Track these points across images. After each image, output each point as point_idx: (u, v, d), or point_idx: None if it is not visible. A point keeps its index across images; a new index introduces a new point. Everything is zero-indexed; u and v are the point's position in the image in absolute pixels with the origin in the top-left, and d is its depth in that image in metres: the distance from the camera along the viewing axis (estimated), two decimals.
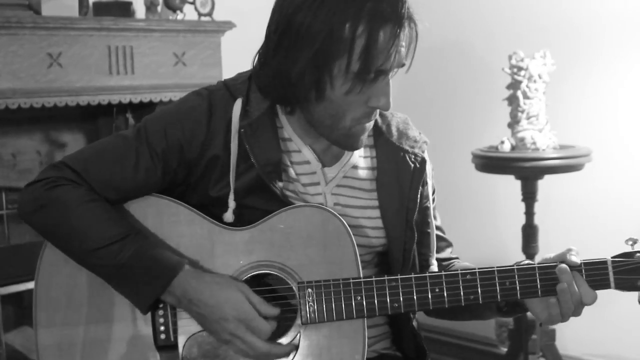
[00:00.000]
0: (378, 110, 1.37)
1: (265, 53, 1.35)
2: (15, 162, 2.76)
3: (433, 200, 1.52)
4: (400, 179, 1.44)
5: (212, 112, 1.36)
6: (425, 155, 1.47)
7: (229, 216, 1.36)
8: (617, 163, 2.96)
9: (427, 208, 1.50)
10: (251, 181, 1.36)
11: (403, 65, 1.33)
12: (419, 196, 1.45)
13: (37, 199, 1.34)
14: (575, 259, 1.31)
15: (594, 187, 3.00)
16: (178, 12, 2.89)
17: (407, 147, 1.45)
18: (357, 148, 1.40)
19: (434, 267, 1.48)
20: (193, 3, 2.93)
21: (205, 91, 1.40)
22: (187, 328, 1.33)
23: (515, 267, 1.32)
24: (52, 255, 1.36)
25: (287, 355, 1.31)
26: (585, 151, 2.76)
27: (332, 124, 1.34)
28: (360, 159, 1.46)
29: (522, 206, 2.86)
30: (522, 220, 2.86)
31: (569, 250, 1.33)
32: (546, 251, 2.95)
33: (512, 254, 3.00)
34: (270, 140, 1.37)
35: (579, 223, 3.04)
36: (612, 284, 1.31)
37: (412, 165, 1.44)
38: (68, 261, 1.35)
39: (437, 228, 1.53)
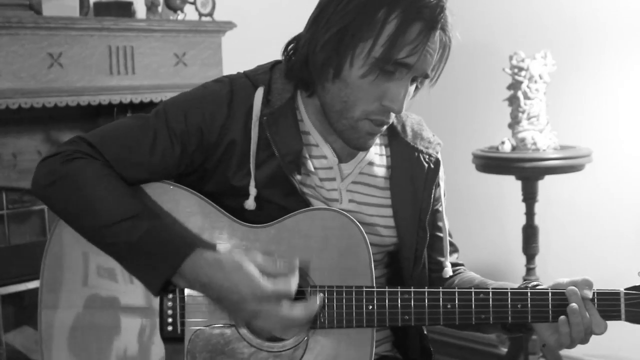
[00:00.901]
0: (391, 118, 1.36)
1: (303, 34, 1.36)
2: (15, 162, 2.75)
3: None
4: (414, 179, 1.44)
5: (233, 98, 1.36)
6: (439, 157, 1.47)
7: (250, 203, 1.34)
8: (617, 163, 2.96)
9: (438, 211, 1.49)
10: (270, 172, 1.35)
11: (427, 75, 1.33)
12: (432, 197, 1.45)
13: (52, 173, 1.32)
14: (588, 293, 1.29)
15: (594, 188, 3.00)
16: (179, 12, 2.89)
17: (421, 148, 1.45)
18: (361, 148, 1.39)
19: (448, 269, 1.48)
20: (194, 3, 2.93)
21: (226, 79, 1.41)
22: (194, 321, 1.32)
23: (528, 290, 1.31)
24: (62, 237, 1.35)
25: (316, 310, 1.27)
26: (585, 152, 2.77)
27: (341, 110, 1.33)
28: (376, 156, 1.46)
29: (522, 206, 2.86)
30: (523, 220, 2.86)
31: (584, 281, 1.30)
32: (546, 252, 2.96)
33: (512, 255, 3.01)
34: (291, 130, 1.37)
35: (580, 223, 3.04)
36: (623, 316, 1.30)
37: (427, 165, 1.44)
38: (77, 244, 1.33)
39: None
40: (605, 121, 3.00)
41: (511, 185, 2.91)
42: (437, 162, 1.46)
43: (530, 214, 2.85)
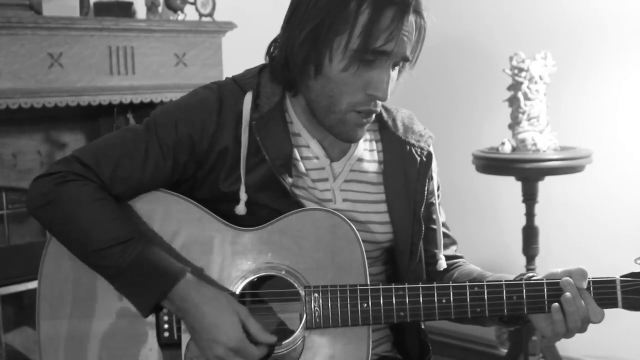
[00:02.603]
0: (378, 106, 1.36)
1: (280, 35, 1.37)
2: (15, 162, 2.75)
3: (438, 196, 1.52)
4: (407, 173, 1.44)
5: (222, 105, 1.36)
6: (431, 150, 1.47)
7: (241, 208, 1.35)
8: (617, 164, 2.96)
9: (432, 204, 1.50)
10: (262, 176, 1.35)
11: (407, 59, 1.34)
12: (426, 190, 1.45)
13: (46, 194, 1.33)
14: (583, 283, 1.29)
15: (594, 189, 3.00)
16: (179, 12, 2.89)
17: (413, 141, 1.46)
18: (352, 140, 1.39)
19: (442, 262, 1.48)
20: (194, 3, 2.93)
21: (214, 85, 1.41)
22: None
23: (523, 281, 1.31)
24: (57, 248, 1.35)
25: None
26: (585, 152, 2.76)
27: (328, 105, 1.34)
28: (366, 152, 1.46)
29: (522, 207, 2.86)
30: (523, 221, 2.86)
31: (578, 271, 1.30)
32: (546, 253, 2.96)
33: (512, 256, 3.00)
34: (281, 134, 1.37)
35: (580, 224, 3.04)
36: (620, 304, 1.30)
37: (419, 158, 1.44)
38: (72, 256, 1.34)
39: (442, 225, 1.52)
40: (605, 122, 2.99)
41: (511, 186, 2.91)
42: (429, 155, 1.46)
43: (530, 214, 2.85)
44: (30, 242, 2.69)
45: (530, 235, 2.84)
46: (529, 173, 2.78)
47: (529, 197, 2.83)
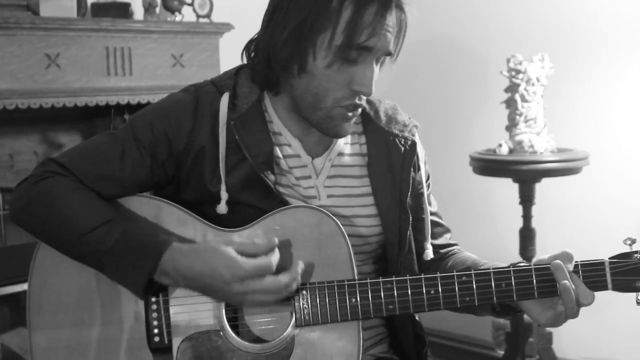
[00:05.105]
0: (363, 100, 1.37)
1: (259, 36, 1.38)
2: (12, 162, 2.76)
3: (428, 186, 1.51)
4: (391, 163, 1.44)
5: (198, 104, 1.38)
6: (416, 139, 1.47)
7: (222, 207, 1.35)
8: (614, 166, 2.96)
9: (422, 194, 1.49)
10: (244, 175, 1.36)
11: (389, 53, 1.34)
12: (411, 179, 1.45)
13: (25, 195, 1.34)
14: (570, 266, 1.29)
15: (591, 191, 3.00)
16: (176, 13, 2.90)
17: (396, 131, 1.46)
18: (339, 135, 1.40)
19: (429, 251, 1.47)
20: (191, 4, 2.93)
21: (191, 87, 1.42)
22: (181, 330, 1.32)
23: (511, 268, 1.31)
24: (45, 257, 1.35)
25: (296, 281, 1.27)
26: (582, 154, 2.77)
27: (313, 102, 1.34)
28: (347, 145, 1.46)
29: (519, 209, 2.86)
30: (520, 223, 2.86)
31: (565, 255, 1.30)
32: (543, 254, 2.94)
33: (509, 257, 2.99)
34: (261, 132, 1.38)
35: (577, 226, 3.04)
36: (610, 285, 1.29)
37: (403, 148, 1.44)
38: (61, 263, 1.34)
39: (433, 214, 1.52)
40: (602, 124, 3.00)
41: (508, 188, 2.91)
42: (413, 144, 1.46)
43: (527, 216, 2.85)
44: (27, 243, 2.67)
45: (527, 237, 2.84)
46: (526, 175, 2.78)
47: (526, 199, 2.84)
